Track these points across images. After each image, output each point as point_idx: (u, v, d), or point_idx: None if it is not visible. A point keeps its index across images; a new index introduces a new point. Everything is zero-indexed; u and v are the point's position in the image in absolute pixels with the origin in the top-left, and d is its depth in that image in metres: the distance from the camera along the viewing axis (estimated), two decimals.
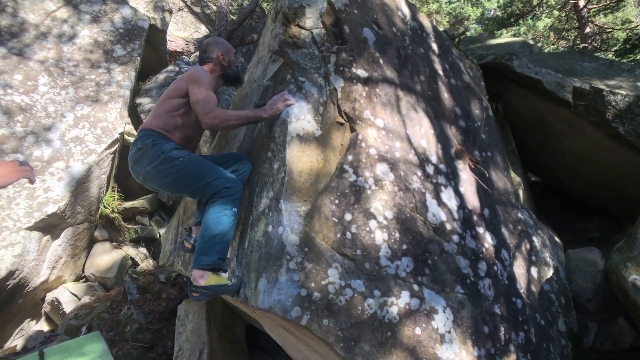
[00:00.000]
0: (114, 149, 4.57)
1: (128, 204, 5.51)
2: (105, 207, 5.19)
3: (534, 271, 3.36)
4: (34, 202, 3.95)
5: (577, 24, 12.68)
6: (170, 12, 6.59)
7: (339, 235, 2.14)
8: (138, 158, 2.43)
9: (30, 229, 3.88)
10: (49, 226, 4.09)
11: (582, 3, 11.79)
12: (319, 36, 2.67)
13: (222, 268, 2.23)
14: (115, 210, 5.34)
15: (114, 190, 5.52)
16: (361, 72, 2.68)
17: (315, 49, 2.64)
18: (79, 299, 4.41)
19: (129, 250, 4.98)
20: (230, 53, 2.83)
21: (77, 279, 4.77)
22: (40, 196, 3.99)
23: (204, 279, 2.16)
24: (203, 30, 9.25)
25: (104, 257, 4.81)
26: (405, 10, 3.39)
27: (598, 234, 5.86)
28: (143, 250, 5.19)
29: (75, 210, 4.35)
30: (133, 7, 5.28)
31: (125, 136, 6.45)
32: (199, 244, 2.23)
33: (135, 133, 6.48)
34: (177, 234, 3.11)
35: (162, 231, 5.46)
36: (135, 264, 4.94)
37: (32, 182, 1.74)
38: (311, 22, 2.71)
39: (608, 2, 12.84)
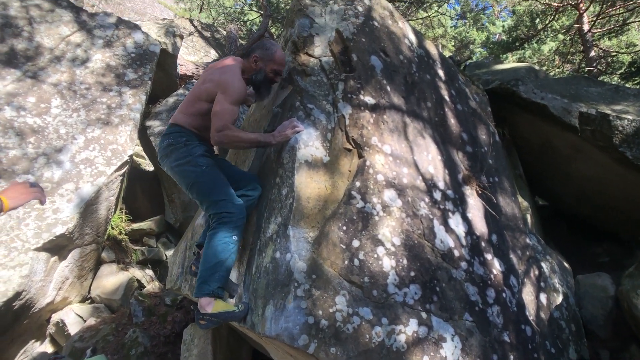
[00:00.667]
0: (123, 171, 4.62)
1: (135, 226, 5.54)
2: (112, 228, 5.21)
3: (543, 297, 3.32)
4: (43, 223, 3.97)
5: (582, 48, 12.75)
6: (181, 37, 6.73)
7: (346, 262, 2.14)
8: (168, 153, 2.51)
9: (38, 249, 3.89)
10: (57, 247, 4.11)
11: (586, 27, 11.88)
12: (328, 64, 2.72)
13: (222, 296, 2.24)
14: (123, 232, 5.36)
15: (122, 212, 5.55)
16: (369, 99, 2.72)
17: (324, 77, 2.69)
18: (84, 321, 4.40)
19: (136, 272, 4.98)
20: (268, 61, 2.60)
21: (83, 300, 4.76)
22: (49, 217, 4.02)
23: (211, 306, 2.16)
24: (213, 54, 9.42)
25: (111, 278, 4.81)
26: (412, 37, 3.45)
27: (608, 259, 5.79)
28: (149, 272, 5.19)
29: (84, 231, 4.37)
30: (145, 33, 5.39)
31: (135, 158, 6.53)
32: (200, 271, 2.26)
33: (144, 155, 6.56)
34: (184, 258, 3.12)
35: (168, 253, 5.47)
36: (141, 286, 4.94)
37: (42, 203, 1.76)
38: (320, 50, 2.77)
39: (612, 26, 12.93)
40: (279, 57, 2.61)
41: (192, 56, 8.88)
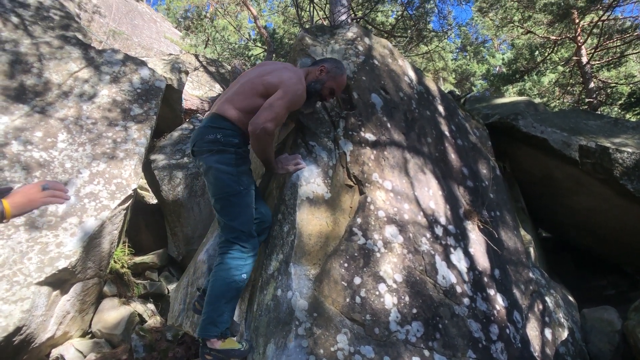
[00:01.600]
0: (127, 204, 4.65)
1: (138, 259, 5.53)
2: (115, 262, 5.21)
3: (548, 333, 3.28)
4: (46, 257, 3.98)
5: (581, 80, 12.94)
6: (187, 73, 6.89)
7: (348, 300, 2.14)
8: (212, 150, 2.32)
9: (40, 283, 3.89)
10: (59, 281, 4.10)
11: (585, 59, 12.09)
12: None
13: (228, 336, 2.21)
14: (125, 265, 5.35)
15: (124, 245, 5.56)
16: (369, 136, 2.77)
17: (325, 114, 2.75)
18: (85, 356, 4.34)
19: (137, 307, 4.95)
20: (332, 77, 2.55)
21: (84, 334, 4.72)
22: (53, 251, 4.03)
23: (219, 343, 2.14)
24: (217, 88, 9.62)
25: (112, 313, 4.78)
26: (412, 75, 3.53)
27: (613, 292, 5.72)
28: (151, 306, 5.15)
29: (86, 265, 4.37)
30: (151, 69, 5.53)
31: (139, 190, 6.58)
32: (207, 311, 2.20)
33: (148, 188, 6.61)
34: (186, 294, 3.11)
35: (170, 287, 5.44)
36: (142, 320, 4.89)
37: (61, 202, 1.55)
38: None
39: (610, 58, 13.15)
40: (342, 80, 2.59)
41: (197, 90, 9.07)
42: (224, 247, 2.26)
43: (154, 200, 6.65)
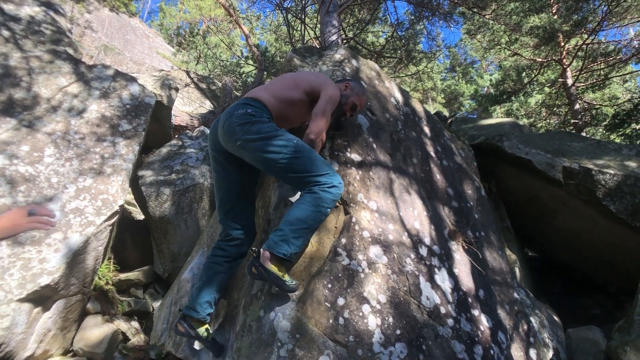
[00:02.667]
0: (112, 220, 4.61)
1: (123, 276, 5.46)
2: (100, 278, 5.14)
3: (532, 353, 3.28)
4: (28, 273, 3.92)
5: (567, 101, 13.20)
6: (177, 89, 6.92)
7: (331, 321, 2.14)
8: (245, 122, 2.30)
9: (21, 300, 3.82)
10: (41, 298, 4.03)
11: (570, 81, 12.35)
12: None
13: (293, 263, 2.18)
14: (110, 282, 5.28)
15: (109, 261, 5.50)
16: (355, 157, 2.80)
17: None
18: None
19: (121, 325, 4.87)
20: (355, 94, 2.73)
21: (65, 353, 4.62)
22: (35, 267, 3.97)
23: (270, 265, 2.07)
24: (208, 105, 9.65)
25: (95, 330, 4.69)
26: (398, 96, 3.59)
27: (599, 311, 5.76)
28: (135, 324, 5.07)
29: (69, 282, 4.31)
30: (141, 85, 5.54)
31: (126, 206, 6.53)
32: (285, 229, 2.12)
33: (135, 204, 6.56)
34: (169, 313, 3.08)
35: (155, 304, 5.37)
36: (126, 338, 4.81)
37: (45, 229, 1.54)
38: None
39: (595, 80, 13.45)
40: (364, 99, 2.77)
41: (187, 107, 9.09)
42: (311, 189, 2.22)
43: (141, 216, 6.60)
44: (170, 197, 5.33)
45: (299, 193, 2.45)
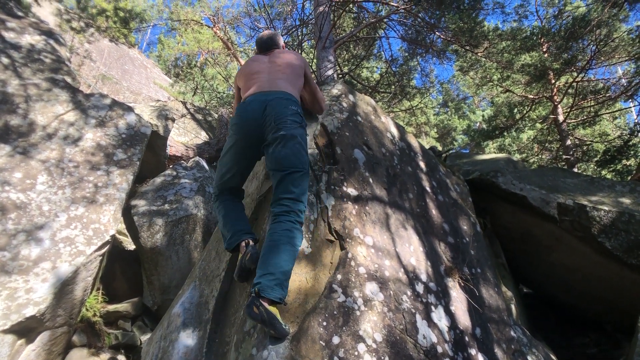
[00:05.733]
0: (103, 251, 4.53)
1: (111, 307, 5.32)
2: (87, 309, 5.00)
3: None
4: (13, 303, 3.81)
5: (558, 137, 13.39)
6: (173, 120, 6.96)
7: None
8: (297, 121, 2.55)
9: (4, 332, 3.69)
10: (26, 329, 3.91)
11: (561, 117, 12.57)
12: (312, 156, 2.82)
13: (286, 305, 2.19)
14: (98, 314, 5.14)
15: (98, 291, 5.37)
16: (351, 191, 2.79)
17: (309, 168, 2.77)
18: None
19: (107, 358, 4.71)
20: None
21: None
22: (21, 297, 3.86)
23: (269, 306, 2.05)
24: (203, 136, 9.69)
25: None
26: (394, 131, 3.62)
27: (595, 350, 5.66)
28: (122, 358, 4.90)
29: (56, 313, 4.19)
30: (138, 114, 5.57)
31: (117, 235, 6.43)
32: (277, 270, 2.12)
33: (127, 233, 6.47)
34: (158, 349, 2.98)
35: (144, 338, 5.22)
36: None
37: None
38: None
39: (585, 117, 13.70)
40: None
41: (183, 137, 9.12)
42: (292, 217, 2.30)
43: (131, 246, 6.50)
44: (162, 227, 5.27)
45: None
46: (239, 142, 2.61)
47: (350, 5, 8.57)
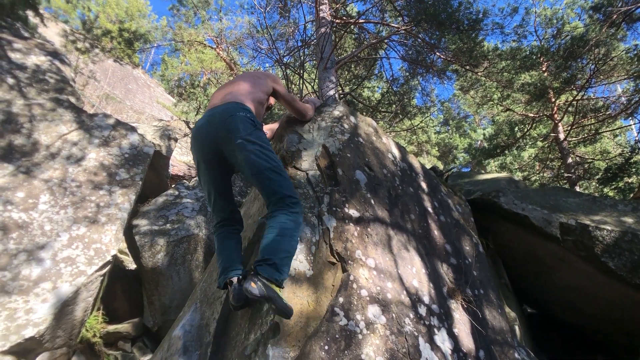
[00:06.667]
0: (104, 271, 4.52)
1: (111, 328, 5.28)
2: (87, 330, 4.96)
3: None
4: (13, 324, 3.78)
5: (559, 155, 13.42)
6: (176, 140, 7.00)
7: None
8: (250, 126, 2.50)
9: (4, 353, 3.66)
10: (24, 350, 3.87)
11: (562, 136, 12.62)
12: (314, 177, 2.83)
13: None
14: (97, 334, 5.09)
15: (99, 312, 5.33)
16: (353, 212, 2.79)
17: (310, 190, 2.78)
18: None
19: None
20: None
21: None
22: (21, 318, 3.84)
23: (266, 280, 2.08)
24: None
25: None
26: (396, 152, 3.63)
27: None
28: None
29: (56, 334, 4.16)
30: (141, 134, 5.61)
31: (118, 254, 6.42)
32: (276, 252, 2.17)
33: (128, 252, 6.46)
34: None
35: (143, 359, 5.16)
36: None
37: None
38: (307, 164, 2.89)
39: (586, 135, 13.75)
40: None
41: (185, 157, 9.16)
42: (285, 209, 2.32)
43: (132, 265, 6.48)
44: (164, 247, 5.26)
45: (300, 248, 2.44)
46: (201, 163, 2.61)
47: (352, 26, 8.69)
